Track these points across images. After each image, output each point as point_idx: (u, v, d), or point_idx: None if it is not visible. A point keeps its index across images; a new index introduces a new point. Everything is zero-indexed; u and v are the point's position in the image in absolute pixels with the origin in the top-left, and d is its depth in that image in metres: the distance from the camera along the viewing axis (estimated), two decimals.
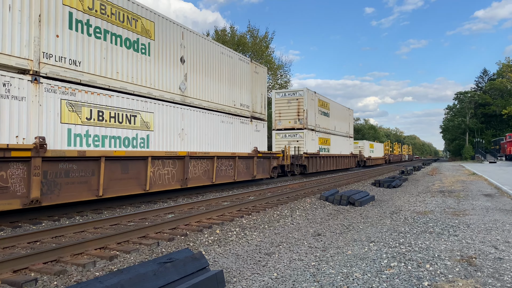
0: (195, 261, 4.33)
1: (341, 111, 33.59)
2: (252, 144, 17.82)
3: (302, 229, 7.93)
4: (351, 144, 36.68)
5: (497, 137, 67.54)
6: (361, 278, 4.68)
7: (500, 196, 13.02)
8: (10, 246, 6.16)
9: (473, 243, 6.39)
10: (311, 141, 25.21)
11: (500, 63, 72.16)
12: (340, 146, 31.90)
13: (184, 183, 12.92)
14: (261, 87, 19.18)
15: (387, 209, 10.73)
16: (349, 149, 35.25)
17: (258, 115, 18.79)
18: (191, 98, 13.64)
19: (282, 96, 25.65)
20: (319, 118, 27.25)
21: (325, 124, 28.47)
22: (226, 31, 42.29)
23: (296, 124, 24.79)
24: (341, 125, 32.92)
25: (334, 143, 30.36)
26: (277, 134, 25.45)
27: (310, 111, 25.26)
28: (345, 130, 34.15)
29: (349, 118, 36.45)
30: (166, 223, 7.54)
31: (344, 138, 33.63)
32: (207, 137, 14.40)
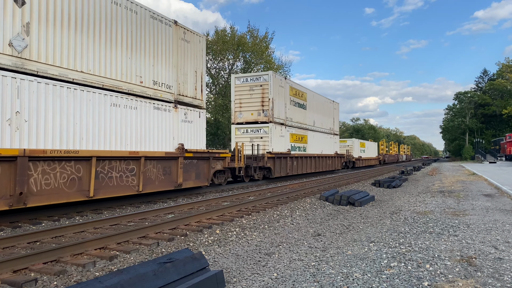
0: (195, 261, 4.32)
1: (323, 104, 28.99)
2: (178, 139, 12.83)
3: (302, 229, 7.93)
4: (336, 143, 32.01)
5: (497, 137, 67.55)
6: (361, 278, 4.68)
7: (500, 196, 13.02)
8: (10, 246, 6.16)
9: (473, 243, 6.39)
10: (279, 138, 20.69)
11: (500, 63, 72.26)
12: (321, 144, 27.45)
13: (17, 201, 8.00)
14: (195, 62, 14.08)
15: (387, 209, 10.73)
16: (333, 148, 30.62)
17: (190, 100, 13.62)
18: (39, 63, 8.72)
19: (244, 82, 20.67)
20: (292, 110, 22.74)
21: (300, 117, 23.88)
22: (226, 31, 42.30)
23: (259, 116, 20.07)
24: (323, 120, 28.35)
25: (313, 141, 25.85)
26: (237, 129, 20.58)
27: (278, 100, 20.71)
28: (328, 126, 29.70)
29: (333, 112, 31.55)
30: (166, 223, 7.54)
31: (326, 136, 29.08)
32: (79, 127, 9.54)
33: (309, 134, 25.29)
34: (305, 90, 25.30)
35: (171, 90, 12.78)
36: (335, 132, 31.80)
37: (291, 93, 22.80)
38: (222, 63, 42.38)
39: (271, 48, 44.17)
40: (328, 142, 29.37)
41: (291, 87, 22.99)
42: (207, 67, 42.24)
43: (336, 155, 30.87)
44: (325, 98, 29.89)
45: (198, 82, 14.37)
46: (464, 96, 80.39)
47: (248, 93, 20.48)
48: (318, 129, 27.30)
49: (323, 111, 28.86)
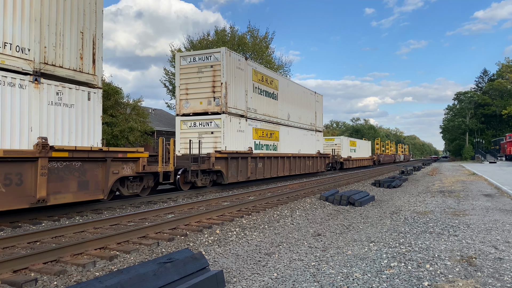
0: (195, 261, 4.32)
1: (302, 95, 24.86)
2: (40, 131, 8.55)
3: (302, 229, 7.93)
4: (319, 141, 27.76)
5: (497, 137, 67.57)
6: (361, 278, 4.68)
7: (500, 196, 13.02)
8: (10, 246, 6.15)
9: (473, 243, 6.39)
10: (237, 134, 16.59)
11: (500, 63, 72.27)
12: (298, 142, 23.44)
13: None
14: (82, 19, 9.70)
15: (387, 209, 10.73)
16: (315, 147, 26.42)
17: (69, 74, 9.28)
18: None
19: (191, 62, 16.39)
20: (257, 99, 18.61)
21: (268, 109, 19.82)
22: (226, 31, 42.29)
23: (210, 106, 15.85)
24: (301, 113, 24.30)
25: (287, 138, 21.83)
26: (183, 122, 16.47)
27: (234, 86, 16.51)
28: (308, 121, 25.54)
29: (315, 105, 27.21)
30: (166, 223, 7.54)
31: (306, 132, 25.00)
32: None
33: (281, 129, 21.19)
34: (277, 77, 21.27)
35: (28, 55, 8.43)
36: (317, 128, 27.59)
37: (256, 78, 18.54)
38: None
39: (271, 48, 44.14)
40: (308, 140, 25.27)
41: (256, 70, 18.63)
42: None
43: (318, 155, 26.61)
44: (305, 88, 25.84)
45: (87, 48, 9.86)
46: (464, 96, 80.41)
47: (196, 76, 16.19)
48: (295, 124, 23.24)
49: (302, 103, 24.78)
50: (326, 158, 28.84)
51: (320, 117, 28.62)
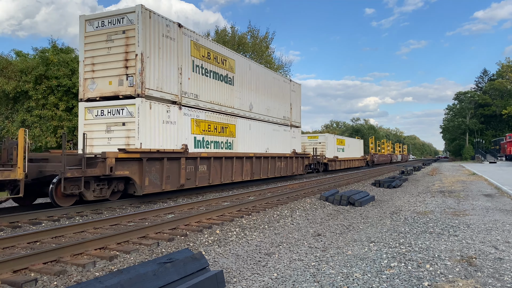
0: (195, 261, 4.32)
1: (272, 82, 20.38)
2: None
3: (302, 229, 7.93)
4: (296, 138, 23.32)
5: (497, 137, 67.58)
6: (361, 278, 4.68)
7: (500, 196, 13.02)
8: (10, 246, 6.15)
9: (473, 243, 6.39)
10: (163, 126, 12.22)
11: (500, 63, 72.31)
12: (265, 140, 19.29)
13: None
14: None
15: (387, 209, 10.73)
16: (289, 145, 22.08)
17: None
18: None
19: (99, 28, 12.06)
20: (200, 81, 14.24)
21: (219, 96, 15.53)
22: (226, 31, 42.33)
23: (122, 87, 11.56)
24: (270, 104, 20.01)
25: (248, 133, 17.62)
26: (88, 110, 12.14)
27: (159, 60, 12.07)
28: (280, 114, 21.28)
29: (290, 96, 22.87)
30: (166, 223, 7.54)
31: (277, 128, 20.79)
32: None
33: (239, 123, 16.89)
34: (232, 55, 16.65)
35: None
36: (293, 123, 23.16)
37: (197, 53, 14.16)
38: None
39: (271, 48, 44.19)
40: (280, 137, 21.05)
41: (197, 43, 14.12)
42: None
43: (294, 155, 22.27)
44: (276, 74, 21.90)
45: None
46: (464, 96, 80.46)
47: (105, 47, 11.89)
48: (260, 117, 18.93)
49: (272, 92, 20.40)
50: (305, 159, 24.40)
51: (297, 110, 24.22)
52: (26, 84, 25.55)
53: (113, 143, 11.47)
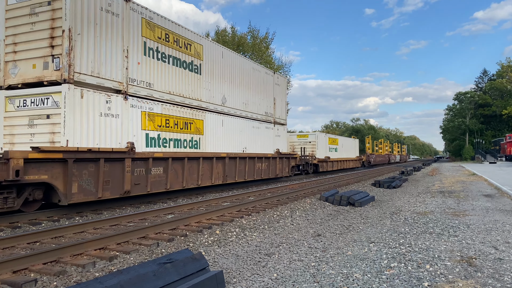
0: (195, 261, 4.32)
1: (251, 73, 18.25)
2: None
3: (302, 230, 7.92)
4: (280, 136, 21.20)
5: (497, 137, 67.60)
6: (361, 278, 4.68)
7: (500, 196, 13.02)
8: (10, 247, 6.15)
9: (473, 243, 6.39)
10: (101, 120, 10.23)
11: (501, 63, 72.34)
12: (242, 138, 17.14)
13: None
14: None
15: (387, 209, 10.73)
16: (272, 144, 20.11)
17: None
18: None
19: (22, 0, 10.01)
20: (155, 68, 12.08)
21: (182, 86, 13.35)
22: (226, 31, 42.35)
23: (47, 71, 9.58)
24: (248, 98, 17.81)
25: (220, 130, 15.48)
26: (9, 99, 10.05)
27: (95, 38, 10.11)
28: (261, 109, 19.15)
29: (274, 89, 20.79)
30: (166, 223, 7.54)
31: (257, 124, 18.55)
32: None
33: (208, 118, 14.72)
34: (199, 40, 14.47)
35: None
36: (277, 120, 21.11)
37: (152, 34, 12.01)
38: None
39: (271, 49, 44.18)
40: (261, 135, 18.86)
41: (150, 22, 11.95)
42: None
43: (278, 155, 20.23)
44: (256, 64, 19.49)
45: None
46: (464, 97, 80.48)
47: (28, 22, 9.86)
48: (236, 112, 16.81)
49: (251, 84, 18.18)
50: (291, 159, 22.35)
51: (283, 105, 21.97)
52: None
53: (37, 140, 9.50)
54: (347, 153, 37.72)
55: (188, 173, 13.12)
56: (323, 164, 29.87)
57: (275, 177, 20.65)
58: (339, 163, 34.42)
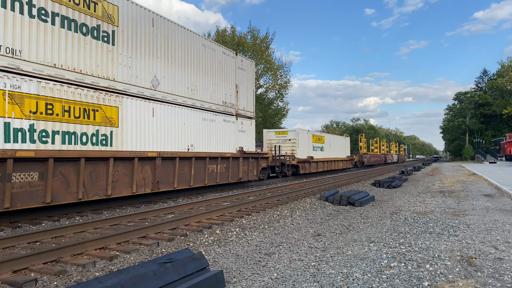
0: (195, 261, 4.32)
1: (201, 51, 14.57)
2: None
3: (302, 229, 7.93)
4: (245, 132, 17.37)
5: (497, 137, 67.59)
6: (361, 278, 4.68)
7: (500, 196, 13.02)
8: (10, 246, 6.16)
9: (473, 243, 6.39)
10: None
11: (502, 62, 72.33)
12: (189, 133, 13.72)
13: None
14: None
15: (387, 209, 10.73)
16: (235, 142, 16.48)
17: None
18: None
19: None
20: (23, 26, 8.58)
21: (84, 58, 10.03)
22: (226, 31, 42.35)
23: None
24: (196, 82, 14.25)
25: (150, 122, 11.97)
26: None
27: None
28: (218, 98, 15.49)
29: (236, 74, 16.99)
30: (166, 223, 7.54)
31: (211, 117, 14.99)
32: None
33: (128, 105, 11.14)
34: None
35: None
36: (241, 112, 17.21)
37: None
38: None
39: (271, 49, 44.19)
40: (216, 130, 15.28)
41: None
42: None
43: (241, 155, 16.55)
44: (209, 41, 15.44)
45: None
46: (464, 97, 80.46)
47: None
48: (175, 98, 12.97)
49: (201, 65, 14.50)
50: (261, 160, 18.53)
51: (249, 95, 18.15)
52: None
53: None
54: (336, 152, 33.87)
55: (89, 179, 9.74)
56: (305, 165, 26.11)
57: (238, 182, 16.74)
58: (326, 163, 30.60)
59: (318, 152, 29.17)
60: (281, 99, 46.43)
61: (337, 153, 34.11)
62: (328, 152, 31.50)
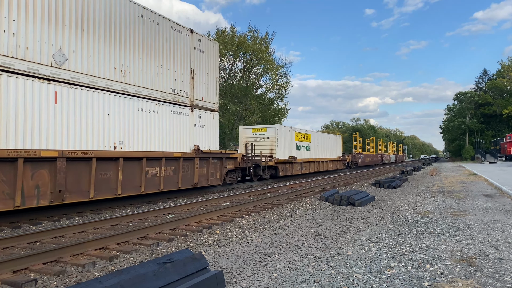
0: (195, 261, 4.32)
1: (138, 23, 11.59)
2: None
3: (302, 230, 7.92)
4: (205, 127, 14.65)
5: (497, 137, 67.59)
6: (361, 278, 4.68)
7: (500, 196, 13.01)
8: (10, 247, 6.16)
9: (473, 243, 6.39)
10: None
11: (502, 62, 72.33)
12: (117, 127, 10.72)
13: None
14: None
15: (387, 209, 10.73)
16: (187, 138, 13.62)
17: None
18: None
19: None
20: None
21: None
22: (226, 31, 42.37)
23: None
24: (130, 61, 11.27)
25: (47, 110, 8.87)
26: None
27: None
28: (164, 83, 12.62)
29: (192, 57, 13.98)
30: (166, 223, 7.54)
31: (155, 107, 12.20)
32: None
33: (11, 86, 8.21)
34: None
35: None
36: (197, 103, 14.27)
37: None
38: (222, 63, 42.39)
39: (271, 49, 44.17)
40: (163, 124, 12.47)
41: None
42: None
43: (197, 155, 13.74)
44: (151, 12, 12.23)
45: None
46: (464, 97, 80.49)
47: None
48: (95, 82, 10.12)
49: (137, 41, 11.53)
50: (226, 161, 15.83)
51: (210, 82, 15.11)
52: None
53: None
54: (325, 152, 30.49)
55: None
56: (286, 166, 23.06)
57: (193, 187, 13.84)
58: (312, 164, 27.25)
59: (303, 152, 26.04)
60: (281, 99, 46.48)
61: (327, 153, 30.90)
62: (315, 152, 28.18)
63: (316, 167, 28.31)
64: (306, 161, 26.19)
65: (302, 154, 25.73)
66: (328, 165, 30.97)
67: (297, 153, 24.90)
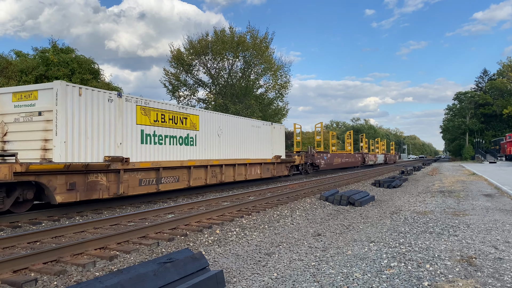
0: (195, 261, 4.32)
1: None
2: None
3: (302, 229, 7.93)
4: None
5: (497, 137, 67.57)
6: (361, 278, 4.68)
7: (500, 196, 13.02)
8: (10, 246, 6.15)
9: (473, 243, 6.39)
10: None
11: (502, 62, 72.30)
12: None
13: None
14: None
15: (387, 209, 10.73)
16: None
17: None
18: None
19: None
20: None
21: None
22: (225, 31, 42.33)
23: None
24: None
25: None
26: None
27: None
28: None
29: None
30: (166, 223, 7.54)
31: None
32: None
33: None
34: None
35: None
36: None
37: None
38: (222, 63, 42.39)
39: (271, 49, 44.10)
40: None
41: None
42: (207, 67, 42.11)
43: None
44: None
45: None
46: (464, 96, 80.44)
47: None
48: None
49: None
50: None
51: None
52: (27, 84, 25.61)
53: None
54: (242, 149, 18.31)
55: None
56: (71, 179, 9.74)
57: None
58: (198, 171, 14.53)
59: (171, 149, 13.28)
60: (281, 99, 46.41)
61: (260, 152, 19.96)
62: (210, 149, 15.64)
63: (214, 175, 15.60)
64: (171, 167, 12.96)
65: (167, 153, 13.04)
66: (251, 171, 18.78)
67: (147, 150, 12.12)
